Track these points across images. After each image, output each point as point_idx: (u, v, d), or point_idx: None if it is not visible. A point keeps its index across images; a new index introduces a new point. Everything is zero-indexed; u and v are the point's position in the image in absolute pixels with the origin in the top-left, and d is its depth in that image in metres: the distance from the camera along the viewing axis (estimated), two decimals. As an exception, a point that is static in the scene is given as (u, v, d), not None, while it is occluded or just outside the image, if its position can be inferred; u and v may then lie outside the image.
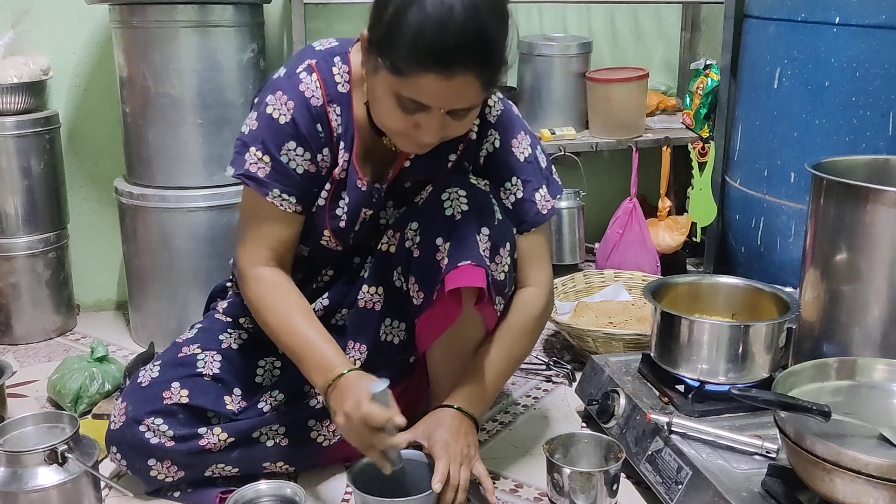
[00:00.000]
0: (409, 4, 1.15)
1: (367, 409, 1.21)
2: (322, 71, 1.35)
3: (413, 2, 1.15)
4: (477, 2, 1.15)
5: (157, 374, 1.45)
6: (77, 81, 2.20)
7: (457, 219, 1.35)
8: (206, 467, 1.43)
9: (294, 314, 1.36)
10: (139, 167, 2.03)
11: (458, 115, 1.24)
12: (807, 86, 2.01)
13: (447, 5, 1.14)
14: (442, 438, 1.31)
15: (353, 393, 1.24)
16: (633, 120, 2.38)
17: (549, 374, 1.94)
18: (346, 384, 1.27)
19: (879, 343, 1.40)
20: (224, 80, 1.96)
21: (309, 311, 1.38)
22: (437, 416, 1.36)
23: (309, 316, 1.37)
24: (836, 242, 1.43)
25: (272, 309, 1.37)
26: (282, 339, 1.36)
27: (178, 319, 2.02)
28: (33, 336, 2.15)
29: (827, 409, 1.14)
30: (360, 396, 1.23)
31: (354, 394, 1.24)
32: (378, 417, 1.21)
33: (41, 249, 2.12)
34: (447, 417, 1.36)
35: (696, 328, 1.46)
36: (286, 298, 1.38)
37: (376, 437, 1.23)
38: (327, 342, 1.34)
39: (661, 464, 1.36)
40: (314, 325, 1.36)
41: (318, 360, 1.32)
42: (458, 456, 1.30)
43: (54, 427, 1.38)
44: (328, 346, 1.33)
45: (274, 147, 1.33)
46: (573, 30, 2.56)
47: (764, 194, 2.16)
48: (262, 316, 1.39)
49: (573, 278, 2.25)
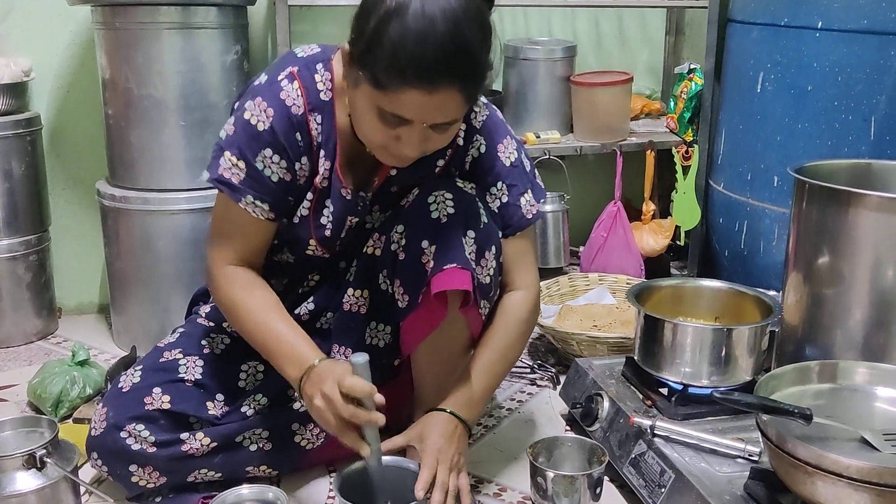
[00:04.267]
0: (390, 18, 1.14)
1: (352, 380, 1.19)
2: (304, 79, 1.34)
3: (394, 15, 1.13)
4: (458, 15, 1.14)
5: (139, 380, 1.44)
6: (59, 83, 2.19)
7: (443, 222, 1.35)
8: (189, 473, 1.42)
9: (264, 310, 1.35)
10: (121, 169, 2.02)
11: (440, 129, 1.23)
12: (790, 90, 2.02)
13: (428, 18, 1.12)
14: (435, 443, 1.31)
15: (331, 374, 1.22)
16: (618, 124, 2.38)
17: (533, 377, 1.94)
18: (321, 370, 1.25)
19: (861, 346, 1.41)
20: (207, 81, 1.95)
21: (279, 307, 1.37)
22: (432, 420, 1.36)
23: (279, 311, 1.36)
24: (819, 246, 1.44)
25: (242, 306, 1.36)
26: (253, 336, 1.35)
27: (160, 323, 2.00)
28: (14, 339, 2.13)
29: (809, 413, 1.15)
30: (341, 374, 1.21)
31: (333, 374, 1.22)
32: (363, 388, 1.18)
33: (22, 252, 2.10)
34: (442, 421, 1.35)
35: (679, 331, 1.46)
36: (256, 295, 1.37)
37: (357, 413, 1.20)
38: (299, 335, 1.33)
39: (645, 467, 1.37)
40: (285, 319, 1.35)
41: (291, 353, 1.30)
42: (448, 462, 1.30)
43: (33, 431, 1.36)
44: (300, 339, 1.32)
45: (250, 153, 1.32)
46: (558, 34, 2.56)
47: (747, 198, 2.17)
48: (233, 313, 1.37)
49: (558, 281, 2.25)
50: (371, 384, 1.20)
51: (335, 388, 1.20)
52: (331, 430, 1.25)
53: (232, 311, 1.38)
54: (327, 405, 1.21)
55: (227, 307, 1.38)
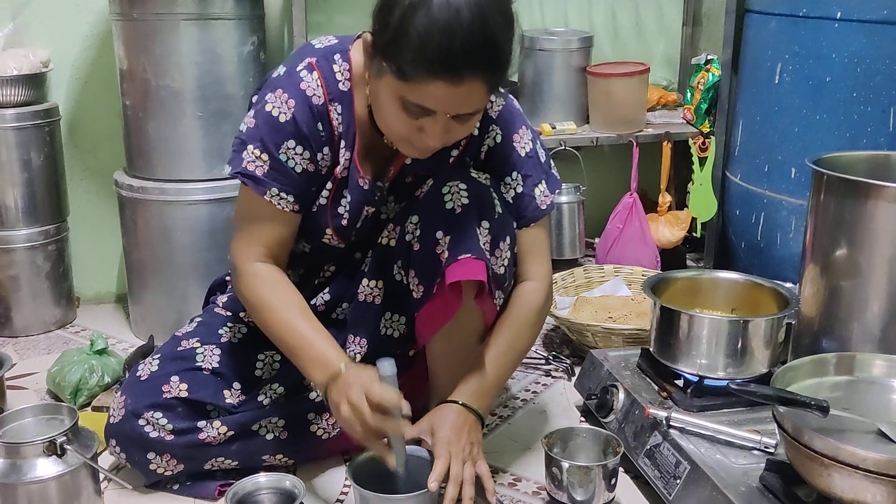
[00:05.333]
0: (415, 8, 1.13)
1: (380, 390, 1.20)
2: (323, 69, 1.34)
3: (420, 6, 1.13)
4: (483, 5, 1.14)
5: (157, 368, 1.45)
6: (77, 74, 2.20)
7: (457, 212, 1.35)
8: (206, 460, 1.43)
9: (290, 310, 1.35)
10: (139, 160, 2.03)
11: (463, 119, 1.23)
12: (808, 81, 2.01)
13: (454, 9, 1.12)
14: (445, 436, 1.31)
15: (358, 381, 1.23)
16: (634, 115, 2.37)
17: (548, 368, 1.94)
18: (348, 377, 1.25)
19: (878, 338, 1.40)
20: (224, 72, 1.96)
21: (305, 307, 1.38)
22: (442, 412, 1.36)
23: (305, 312, 1.36)
24: (836, 238, 1.43)
25: (267, 305, 1.36)
26: (277, 335, 1.36)
27: (177, 312, 2.01)
28: (33, 328, 2.15)
29: (825, 405, 1.14)
30: (368, 382, 1.21)
31: (360, 381, 1.22)
32: (391, 398, 1.19)
33: (41, 242, 2.12)
34: (451, 413, 1.35)
35: (695, 323, 1.46)
36: (282, 294, 1.37)
37: (384, 422, 1.21)
38: (324, 338, 1.33)
39: (660, 458, 1.37)
40: (311, 320, 1.35)
41: (316, 356, 1.31)
42: (461, 453, 1.30)
43: (53, 419, 1.38)
44: (325, 342, 1.32)
45: (273, 145, 1.33)
46: (574, 24, 2.55)
47: (764, 190, 2.16)
48: (258, 312, 1.38)
49: (573, 273, 2.25)
50: (399, 393, 1.21)
51: (362, 397, 1.21)
52: (357, 438, 1.25)
53: (256, 309, 1.38)
54: (354, 414, 1.22)
55: (253, 305, 1.38)
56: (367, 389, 1.21)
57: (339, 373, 1.27)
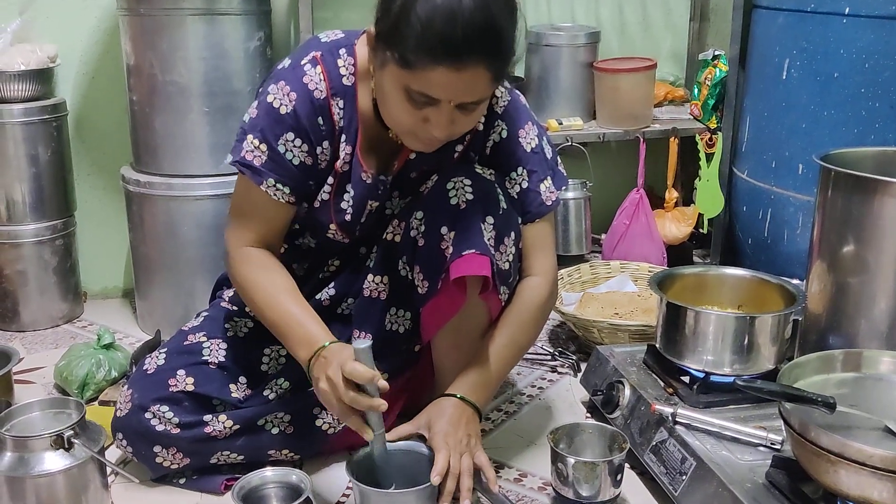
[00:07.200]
0: None
1: (353, 365, 1.19)
2: (327, 63, 1.34)
3: None
4: None
5: (163, 362, 1.46)
6: (84, 69, 2.21)
7: (462, 208, 1.35)
8: (212, 454, 1.44)
9: (279, 291, 1.36)
10: (146, 155, 2.03)
11: (467, 109, 1.23)
12: (815, 77, 2.00)
13: None
14: (442, 429, 1.31)
15: (336, 358, 1.23)
16: (641, 110, 2.37)
17: (554, 364, 1.94)
18: (329, 352, 1.26)
19: (886, 335, 1.39)
20: (231, 68, 1.96)
21: (293, 289, 1.38)
22: (439, 406, 1.36)
23: (293, 293, 1.37)
24: (844, 234, 1.42)
25: (256, 286, 1.37)
26: (266, 315, 1.36)
27: (184, 307, 2.02)
28: (40, 323, 2.16)
29: (832, 401, 1.14)
30: (345, 358, 1.21)
31: (338, 358, 1.23)
32: (363, 374, 1.19)
33: (48, 237, 2.12)
34: (449, 407, 1.36)
35: (701, 319, 1.45)
36: (270, 275, 1.38)
37: (356, 399, 1.21)
38: (311, 317, 1.33)
39: (666, 454, 1.37)
40: (298, 301, 1.36)
41: (303, 335, 1.31)
42: (458, 446, 1.30)
43: (61, 413, 1.39)
44: (312, 321, 1.33)
45: (272, 136, 1.33)
46: (581, 20, 2.54)
47: (771, 186, 2.15)
48: (248, 293, 1.38)
49: (579, 269, 2.25)
50: (373, 370, 1.20)
51: (338, 372, 1.21)
52: (335, 413, 1.26)
53: (246, 290, 1.39)
54: (331, 389, 1.22)
55: (242, 286, 1.39)
56: (342, 365, 1.20)
57: (323, 349, 1.27)
